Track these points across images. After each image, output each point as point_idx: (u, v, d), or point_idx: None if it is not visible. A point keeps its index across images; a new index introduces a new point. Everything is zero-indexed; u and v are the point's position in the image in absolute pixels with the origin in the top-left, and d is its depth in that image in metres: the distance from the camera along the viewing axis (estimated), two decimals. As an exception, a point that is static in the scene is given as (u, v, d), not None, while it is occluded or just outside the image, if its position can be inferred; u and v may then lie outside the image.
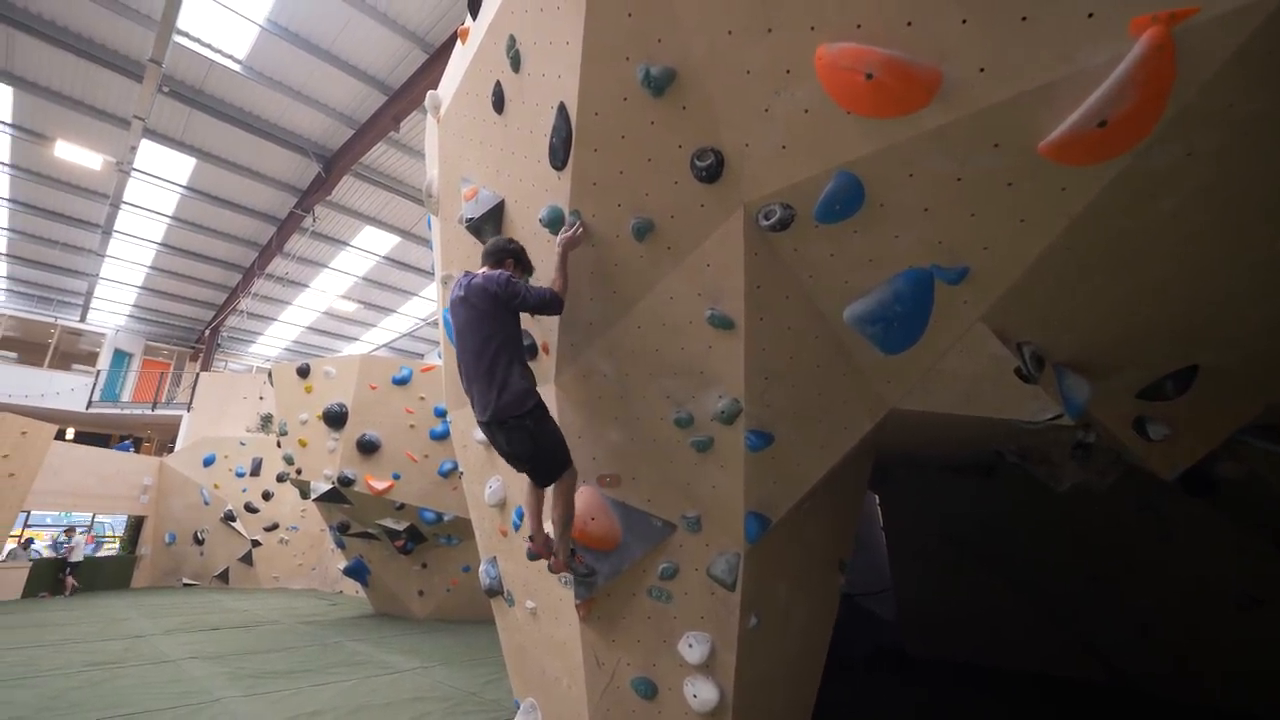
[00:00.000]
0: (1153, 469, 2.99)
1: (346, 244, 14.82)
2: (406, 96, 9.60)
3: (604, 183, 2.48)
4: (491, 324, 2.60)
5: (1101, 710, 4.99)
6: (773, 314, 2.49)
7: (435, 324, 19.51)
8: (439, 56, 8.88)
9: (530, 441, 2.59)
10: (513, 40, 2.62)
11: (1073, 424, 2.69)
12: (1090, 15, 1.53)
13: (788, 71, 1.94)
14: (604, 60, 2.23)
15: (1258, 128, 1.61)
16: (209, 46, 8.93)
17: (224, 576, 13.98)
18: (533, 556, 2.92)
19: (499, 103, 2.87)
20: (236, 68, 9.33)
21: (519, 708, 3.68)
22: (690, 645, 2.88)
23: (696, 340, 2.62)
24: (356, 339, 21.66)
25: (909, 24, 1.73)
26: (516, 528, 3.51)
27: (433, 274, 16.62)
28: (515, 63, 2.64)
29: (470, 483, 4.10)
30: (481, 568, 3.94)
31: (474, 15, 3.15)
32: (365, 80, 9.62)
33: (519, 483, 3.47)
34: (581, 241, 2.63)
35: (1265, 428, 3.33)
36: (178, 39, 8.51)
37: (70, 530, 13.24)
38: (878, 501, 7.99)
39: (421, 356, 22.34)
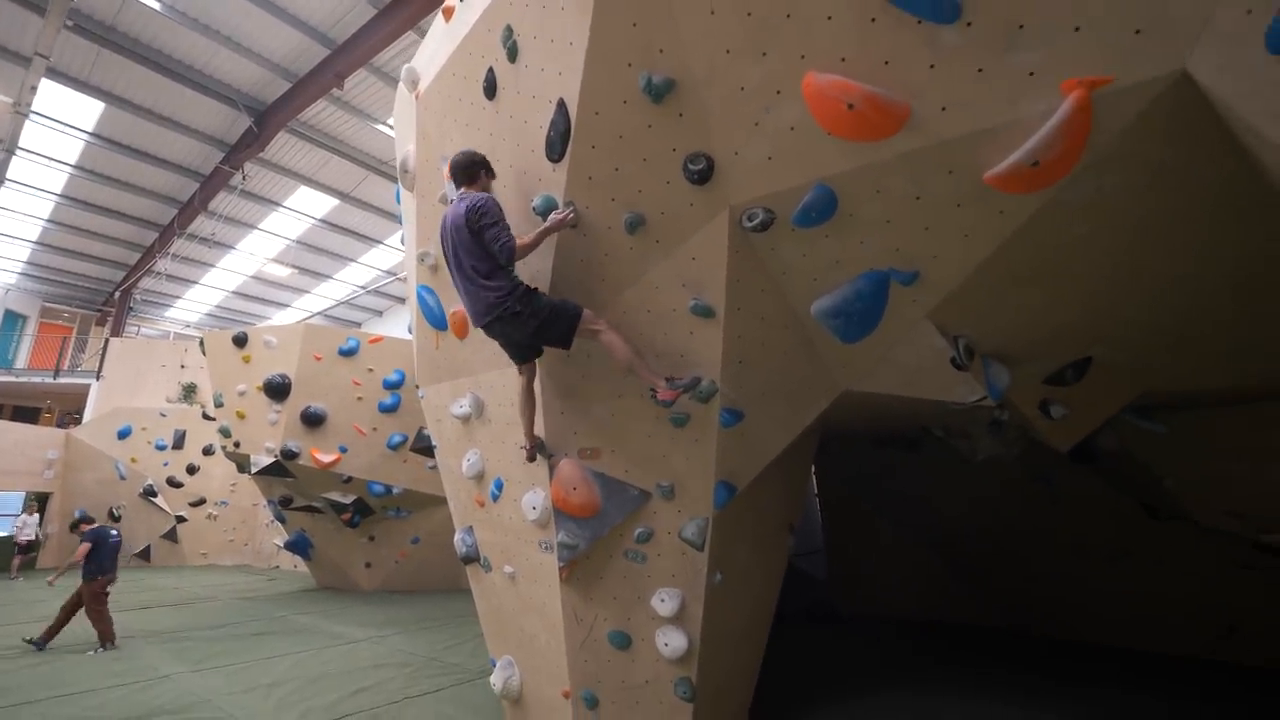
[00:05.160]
0: (1052, 443, 3.53)
1: (279, 205, 13.94)
2: (351, 53, 9.11)
3: (600, 177, 2.65)
4: (470, 245, 2.76)
5: (1005, 651, 5.77)
6: (749, 305, 2.76)
7: (374, 291, 18.77)
8: (388, 13, 8.49)
9: (531, 319, 2.74)
10: (510, 31, 2.70)
11: (992, 405, 3.15)
12: (1031, 74, 1.85)
13: (778, 92, 2.18)
14: (607, 64, 2.38)
15: (1154, 173, 2.01)
16: (125, -20, 8.14)
17: (145, 554, 13.25)
18: (531, 458, 3.29)
19: (491, 89, 2.94)
20: (155, 5, 8.55)
21: (495, 665, 3.91)
22: (662, 600, 3.20)
23: (679, 327, 2.87)
24: (288, 305, 20.41)
25: (886, 63, 2.00)
26: (495, 498, 3.68)
27: (373, 239, 15.95)
28: (512, 53, 2.72)
29: (445, 456, 4.21)
30: (457, 536, 4.09)
31: (462, -4, 3.17)
32: (305, 31, 9.05)
33: (498, 453, 3.65)
34: (568, 225, 2.77)
35: (1140, 409, 3.99)
36: (88, -30, 7.72)
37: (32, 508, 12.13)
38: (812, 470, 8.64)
39: (360, 325, 21.43)
